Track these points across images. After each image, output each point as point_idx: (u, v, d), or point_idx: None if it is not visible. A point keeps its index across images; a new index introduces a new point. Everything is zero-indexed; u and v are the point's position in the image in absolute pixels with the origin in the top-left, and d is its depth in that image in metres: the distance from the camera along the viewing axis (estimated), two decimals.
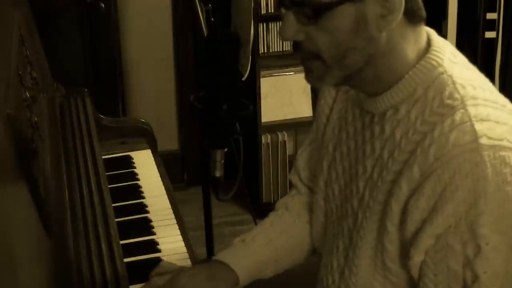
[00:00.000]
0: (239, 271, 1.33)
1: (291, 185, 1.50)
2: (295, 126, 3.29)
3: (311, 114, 3.15)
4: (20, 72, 1.34)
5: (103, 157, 1.83)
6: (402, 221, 1.13)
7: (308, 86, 3.19)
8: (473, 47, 3.15)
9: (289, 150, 3.31)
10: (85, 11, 3.08)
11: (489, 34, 3.10)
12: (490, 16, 3.09)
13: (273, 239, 1.40)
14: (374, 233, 1.19)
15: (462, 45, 3.17)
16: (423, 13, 1.14)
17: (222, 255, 1.36)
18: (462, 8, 3.13)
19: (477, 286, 1.07)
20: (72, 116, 1.89)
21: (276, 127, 3.25)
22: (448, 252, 1.08)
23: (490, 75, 3.05)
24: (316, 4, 1.06)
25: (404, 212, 1.12)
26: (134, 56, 3.31)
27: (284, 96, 3.21)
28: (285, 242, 1.41)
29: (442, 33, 3.13)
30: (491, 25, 3.09)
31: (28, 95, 1.34)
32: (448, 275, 1.09)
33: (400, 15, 1.07)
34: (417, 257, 1.12)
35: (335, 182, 1.30)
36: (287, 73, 3.18)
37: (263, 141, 3.22)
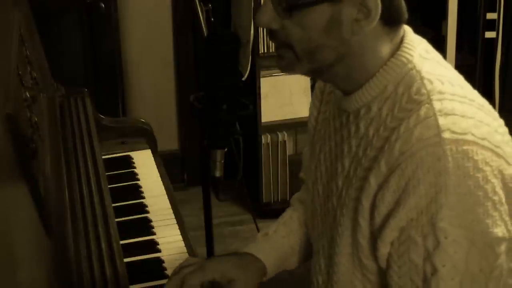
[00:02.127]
0: (266, 262, 1.37)
1: (302, 181, 1.53)
2: (295, 126, 3.29)
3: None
4: (20, 72, 1.34)
5: (103, 157, 1.83)
6: (371, 216, 1.14)
7: (308, 86, 3.19)
8: (473, 47, 3.15)
9: (289, 150, 3.31)
10: (85, 11, 3.08)
11: (489, 34, 3.10)
12: (490, 16, 3.09)
13: (293, 230, 1.45)
14: (350, 230, 1.20)
15: (462, 45, 3.17)
16: (404, 17, 1.15)
17: (248, 249, 1.39)
18: (462, 8, 3.13)
19: (435, 279, 1.08)
20: (72, 116, 1.89)
21: (276, 127, 3.25)
22: (410, 245, 1.09)
23: (490, 75, 3.05)
24: (291, 1, 1.08)
25: (373, 206, 1.13)
26: (134, 56, 3.31)
27: (284, 96, 3.21)
28: (306, 232, 1.45)
29: (442, 33, 3.13)
30: (491, 25, 3.09)
31: (28, 95, 1.34)
32: (410, 267, 1.10)
33: (375, 22, 1.09)
34: (383, 249, 1.13)
35: (319, 182, 1.32)
36: (287, 73, 3.17)
37: (263, 141, 3.22)
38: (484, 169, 1.05)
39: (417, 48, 1.16)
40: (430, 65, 1.15)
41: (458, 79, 1.17)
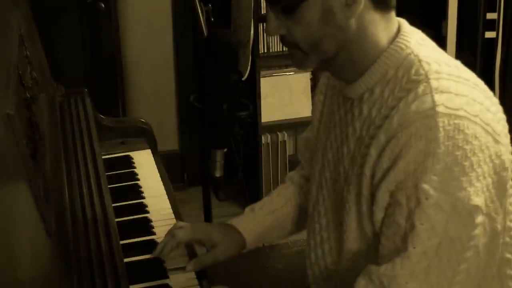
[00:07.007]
0: (246, 235, 1.53)
1: (299, 162, 1.64)
2: (295, 126, 3.29)
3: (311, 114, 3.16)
4: (20, 72, 1.34)
5: (103, 157, 1.83)
6: (371, 183, 1.21)
7: (308, 86, 3.19)
8: (473, 47, 3.15)
9: (289, 150, 3.31)
10: (85, 11, 3.09)
11: (489, 34, 3.11)
12: (490, 16, 3.09)
13: (278, 208, 1.58)
14: (355, 205, 1.26)
15: (462, 45, 3.17)
16: (393, 1, 1.23)
17: (233, 221, 1.55)
18: (462, 8, 3.13)
19: (412, 235, 1.13)
20: (72, 116, 1.89)
21: (276, 127, 3.25)
22: (396, 207, 1.16)
23: (490, 75, 3.05)
24: (285, 2, 1.19)
25: (373, 174, 1.20)
26: (134, 56, 3.31)
27: (284, 96, 3.21)
28: (290, 210, 1.59)
29: (442, 33, 3.13)
30: (491, 25, 3.10)
31: (28, 95, 1.34)
32: (394, 229, 1.16)
33: (363, 2, 1.17)
34: (378, 214, 1.20)
35: (327, 169, 1.38)
36: (287, 73, 3.18)
37: (263, 141, 3.22)
38: (473, 143, 1.12)
39: (414, 36, 1.24)
40: (426, 50, 1.23)
41: (455, 62, 1.24)
